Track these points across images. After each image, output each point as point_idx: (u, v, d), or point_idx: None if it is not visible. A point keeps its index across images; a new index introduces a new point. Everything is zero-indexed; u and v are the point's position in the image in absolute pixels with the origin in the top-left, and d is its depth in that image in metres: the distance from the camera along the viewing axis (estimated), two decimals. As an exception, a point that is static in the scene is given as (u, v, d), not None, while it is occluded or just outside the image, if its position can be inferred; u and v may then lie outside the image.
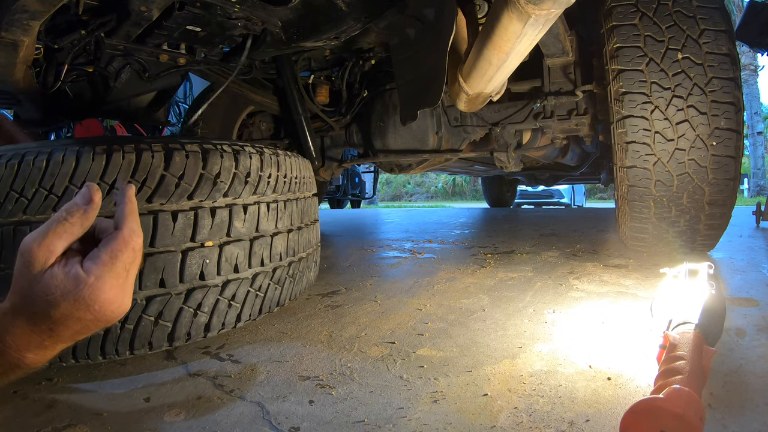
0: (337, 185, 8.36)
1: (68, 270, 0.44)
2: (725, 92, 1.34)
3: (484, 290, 1.29)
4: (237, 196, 0.91)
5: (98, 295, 0.44)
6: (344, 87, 2.15)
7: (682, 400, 0.50)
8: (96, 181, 0.78)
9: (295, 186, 1.09)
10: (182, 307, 0.84)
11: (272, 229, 0.99)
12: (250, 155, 0.94)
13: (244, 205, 0.92)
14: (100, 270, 0.44)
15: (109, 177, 0.79)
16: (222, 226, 0.88)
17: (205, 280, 0.86)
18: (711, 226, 1.51)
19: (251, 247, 0.93)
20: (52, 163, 0.78)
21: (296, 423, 0.64)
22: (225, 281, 0.89)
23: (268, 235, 0.97)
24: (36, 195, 0.77)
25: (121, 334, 0.80)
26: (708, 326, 0.71)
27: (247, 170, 0.93)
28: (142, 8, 1.19)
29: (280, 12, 1.36)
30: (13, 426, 0.67)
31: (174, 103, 4.05)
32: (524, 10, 0.89)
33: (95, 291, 0.44)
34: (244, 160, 0.93)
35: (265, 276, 0.98)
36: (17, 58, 1.10)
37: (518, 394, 0.69)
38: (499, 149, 1.99)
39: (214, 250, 0.87)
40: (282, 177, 1.03)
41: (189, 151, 0.85)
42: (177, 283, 0.83)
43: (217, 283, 0.88)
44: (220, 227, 0.88)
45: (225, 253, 0.88)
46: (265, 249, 0.96)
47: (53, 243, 0.44)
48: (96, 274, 0.44)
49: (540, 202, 10.75)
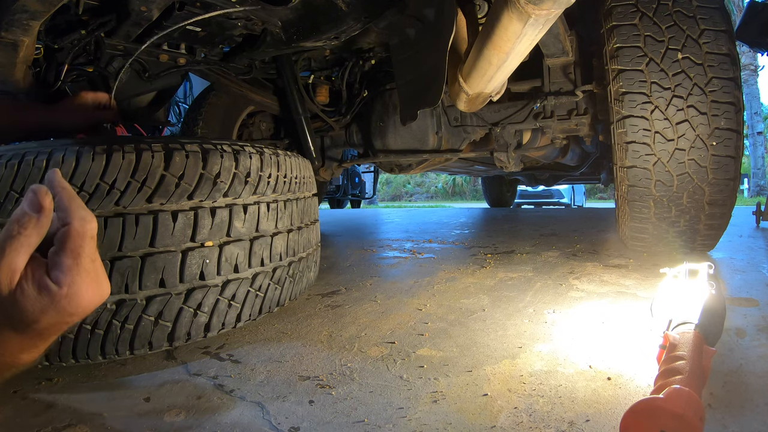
0: (337, 185, 8.37)
1: (38, 284, 0.43)
2: (725, 92, 1.34)
3: (484, 290, 1.29)
4: (237, 196, 0.91)
5: (77, 300, 0.44)
6: (344, 87, 2.15)
7: (682, 400, 0.50)
8: (96, 182, 0.78)
9: (295, 186, 1.09)
10: (182, 307, 0.84)
11: (272, 229, 0.99)
12: (250, 155, 0.94)
13: (244, 205, 0.92)
14: (69, 277, 0.43)
15: (109, 177, 0.79)
16: (222, 226, 0.88)
17: (205, 280, 0.86)
18: (711, 226, 1.51)
19: (251, 247, 0.93)
20: (52, 163, 0.78)
21: (296, 423, 0.64)
22: (225, 281, 0.89)
23: (268, 235, 0.97)
24: None
25: (121, 334, 0.80)
26: (708, 326, 0.71)
27: (247, 170, 0.93)
28: (142, 8, 1.19)
29: (280, 12, 1.36)
30: (13, 426, 0.67)
31: (174, 103, 4.05)
32: (524, 10, 0.89)
33: (73, 298, 0.43)
34: (244, 160, 0.93)
35: (265, 276, 0.98)
36: (17, 58, 1.10)
37: (518, 394, 0.69)
38: (499, 149, 1.99)
39: (214, 250, 0.87)
40: (282, 177, 1.03)
41: (189, 151, 0.85)
42: (177, 283, 0.83)
43: (217, 283, 0.88)
44: (220, 227, 0.88)
45: (225, 253, 0.88)
46: (265, 249, 0.96)
47: (13, 261, 0.42)
48: (68, 283, 0.43)
49: (540, 202, 10.76)
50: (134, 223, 0.80)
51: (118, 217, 0.79)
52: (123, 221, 0.79)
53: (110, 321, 0.79)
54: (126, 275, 0.79)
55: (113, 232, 0.79)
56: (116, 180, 0.79)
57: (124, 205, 0.79)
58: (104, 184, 0.79)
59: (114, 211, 0.79)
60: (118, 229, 0.79)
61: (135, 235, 0.80)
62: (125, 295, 0.79)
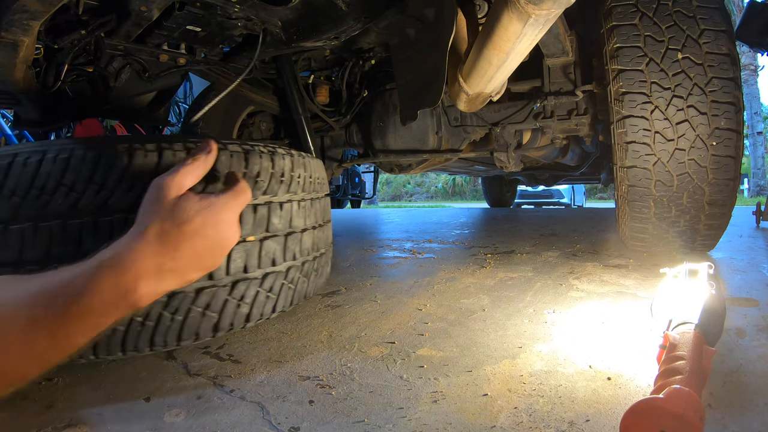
0: (337, 185, 8.36)
1: (201, 195, 0.57)
2: (725, 92, 1.34)
3: (484, 290, 1.29)
4: (274, 194, 0.96)
5: (223, 216, 0.57)
6: (344, 87, 2.14)
7: (682, 400, 0.50)
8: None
9: (318, 186, 1.15)
10: (227, 299, 0.88)
11: (302, 225, 1.04)
12: (283, 156, 1.00)
13: (280, 203, 0.98)
14: (226, 198, 0.58)
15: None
16: (262, 222, 0.93)
17: (247, 272, 0.90)
18: (711, 226, 1.51)
19: (285, 242, 0.99)
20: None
21: (296, 423, 0.64)
22: (264, 274, 0.93)
23: (298, 231, 1.03)
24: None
25: (171, 325, 0.83)
26: (708, 326, 0.71)
27: (282, 170, 0.98)
28: (142, 8, 1.19)
29: (280, 12, 1.36)
30: (13, 426, 0.67)
31: (174, 103, 4.05)
32: (524, 10, 0.89)
33: (222, 211, 0.57)
34: (279, 160, 0.99)
35: (296, 269, 1.03)
36: (17, 58, 1.10)
37: (518, 394, 0.69)
38: (499, 149, 1.98)
39: (255, 244, 0.92)
40: (308, 177, 1.09)
41: (232, 152, 0.90)
42: (224, 276, 0.86)
43: (257, 275, 0.92)
44: (260, 223, 0.93)
45: (264, 247, 0.93)
46: (296, 244, 1.02)
47: (184, 178, 0.58)
48: (223, 201, 0.58)
49: (540, 202, 10.76)
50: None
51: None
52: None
53: (161, 313, 0.82)
54: None
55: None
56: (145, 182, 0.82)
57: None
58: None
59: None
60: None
61: None
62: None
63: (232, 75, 1.85)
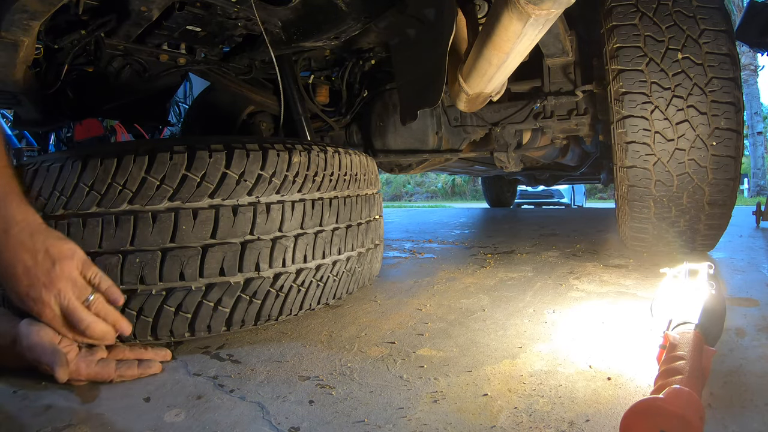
0: (337, 185, 8.34)
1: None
2: (725, 92, 1.34)
3: (484, 290, 1.29)
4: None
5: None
6: (344, 87, 2.14)
7: (682, 400, 0.50)
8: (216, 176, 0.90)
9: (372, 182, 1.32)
10: (269, 290, 0.96)
11: (366, 217, 1.23)
12: (349, 155, 1.15)
13: (344, 198, 1.12)
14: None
15: (220, 173, 0.90)
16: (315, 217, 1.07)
17: (291, 264, 0.98)
18: (711, 226, 1.51)
19: (346, 234, 1.12)
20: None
21: (296, 423, 0.64)
22: (318, 265, 1.03)
23: (354, 225, 1.17)
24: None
25: (216, 313, 0.91)
26: (708, 326, 0.71)
27: (346, 170, 1.13)
28: (142, 8, 1.19)
29: (280, 12, 1.36)
30: (13, 426, 0.67)
31: (174, 103, 4.05)
32: (524, 10, 0.89)
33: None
34: (345, 159, 1.12)
35: (355, 260, 1.17)
36: (17, 58, 1.10)
37: (518, 394, 0.69)
38: (499, 149, 1.99)
39: (309, 237, 1.03)
40: (370, 173, 1.28)
41: (279, 150, 0.98)
42: (267, 268, 0.94)
43: (311, 267, 1.02)
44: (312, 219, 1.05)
45: (317, 240, 1.04)
46: (355, 237, 1.16)
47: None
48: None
49: (540, 202, 10.76)
50: (232, 213, 0.91)
51: (212, 209, 0.90)
52: (216, 212, 0.90)
53: (200, 302, 0.89)
54: (222, 260, 0.90)
55: (225, 222, 0.90)
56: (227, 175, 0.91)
57: (222, 198, 0.90)
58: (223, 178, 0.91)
59: (211, 203, 0.91)
60: (228, 218, 0.91)
61: (233, 224, 0.91)
62: (225, 278, 0.89)
63: (231, 75, 1.85)
